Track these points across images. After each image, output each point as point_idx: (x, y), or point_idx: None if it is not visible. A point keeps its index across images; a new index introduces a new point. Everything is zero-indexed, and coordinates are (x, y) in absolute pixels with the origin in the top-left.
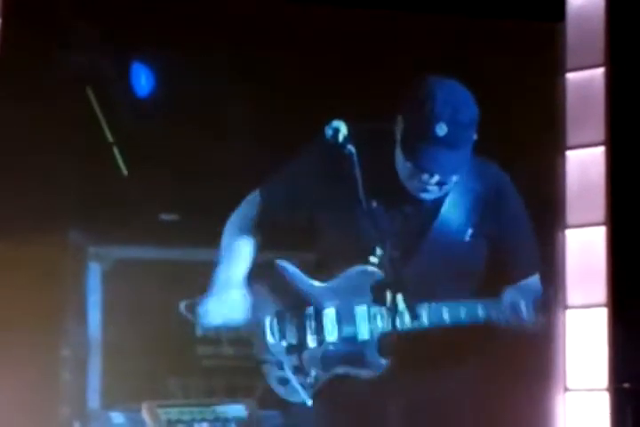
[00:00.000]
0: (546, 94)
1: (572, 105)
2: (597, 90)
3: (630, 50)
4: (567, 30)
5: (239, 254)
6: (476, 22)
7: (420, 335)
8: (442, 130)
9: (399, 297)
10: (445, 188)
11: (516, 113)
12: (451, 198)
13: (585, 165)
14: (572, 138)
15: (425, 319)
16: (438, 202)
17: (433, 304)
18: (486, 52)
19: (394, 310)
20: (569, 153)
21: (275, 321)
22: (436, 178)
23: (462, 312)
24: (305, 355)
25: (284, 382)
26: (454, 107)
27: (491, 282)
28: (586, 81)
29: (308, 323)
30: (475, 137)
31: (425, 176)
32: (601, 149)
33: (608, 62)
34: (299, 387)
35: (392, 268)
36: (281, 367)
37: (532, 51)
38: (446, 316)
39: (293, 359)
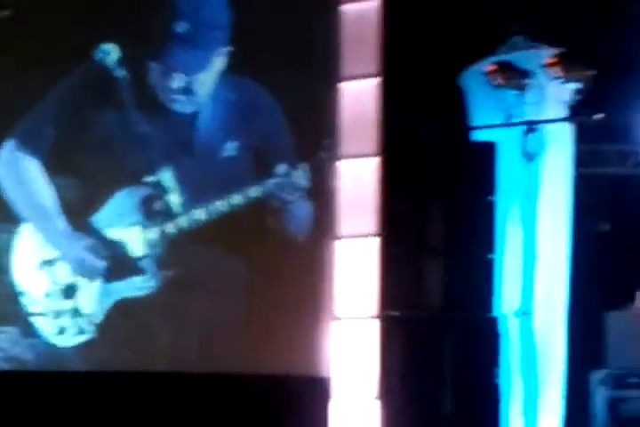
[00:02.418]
0: (320, 27)
1: (346, 38)
2: (370, 22)
3: None
4: None
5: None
6: None
7: (191, 256)
8: (181, 27)
9: (174, 204)
10: (194, 99)
11: (291, 45)
12: (207, 111)
13: (358, 97)
14: (345, 70)
15: (203, 215)
16: (197, 116)
17: (209, 203)
18: None
19: (169, 218)
20: (343, 84)
21: (45, 269)
22: (179, 81)
23: (236, 198)
24: (81, 295)
25: (63, 330)
26: (198, 6)
27: None
28: (359, 14)
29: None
30: (228, 46)
31: (169, 81)
32: (374, 81)
33: None
34: (78, 331)
35: (165, 183)
36: (58, 316)
37: None
38: (223, 206)
39: (70, 303)
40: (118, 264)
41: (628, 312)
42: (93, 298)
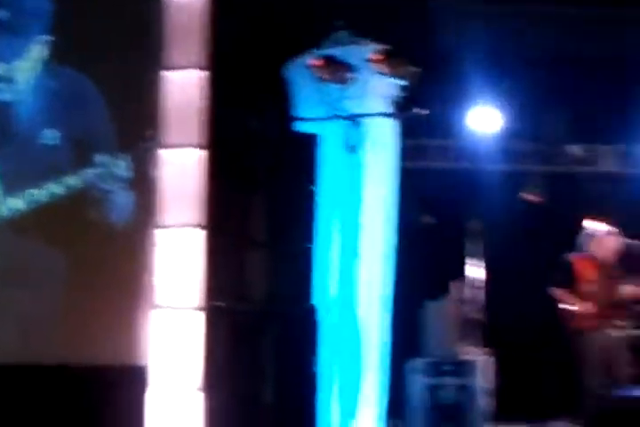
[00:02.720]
0: (144, 16)
1: (171, 27)
2: (196, 12)
3: None
4: None
5: None
6: None
7: (9, 247)
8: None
9: None
10: (13, 87)
11: (114, 34)
12: (27, 100)
13: (183, 87)
14: (170, 60)
15: (21, 204)
16: (16, 104)
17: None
18: None
19: None
20: (167, 74)
21: None
22: None
23: (55, 188)
24: None
25: None
26: None
27: None
28: (185, 3)
29: None
30: (48, 34)
31: None
32: (199, 72)
33: None
34: None
35: None
36: None
37: None
38: (42, 195)
39: None
40: None
41: (443, 302)
42: None
